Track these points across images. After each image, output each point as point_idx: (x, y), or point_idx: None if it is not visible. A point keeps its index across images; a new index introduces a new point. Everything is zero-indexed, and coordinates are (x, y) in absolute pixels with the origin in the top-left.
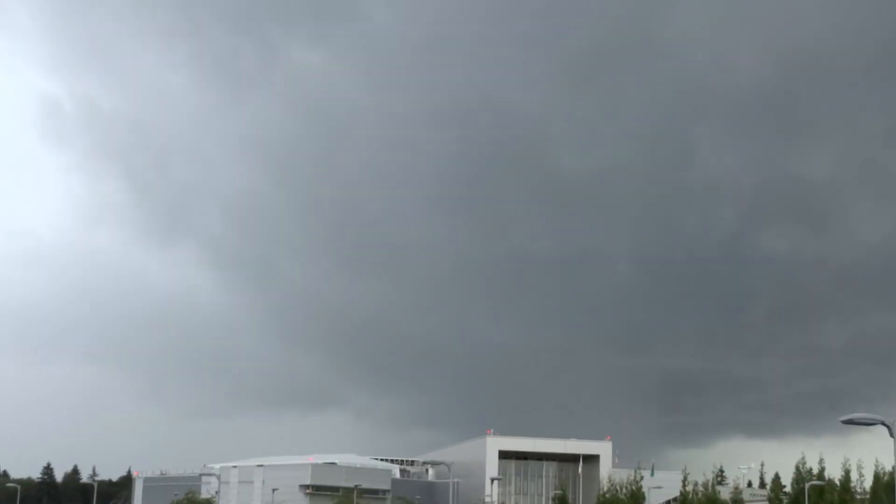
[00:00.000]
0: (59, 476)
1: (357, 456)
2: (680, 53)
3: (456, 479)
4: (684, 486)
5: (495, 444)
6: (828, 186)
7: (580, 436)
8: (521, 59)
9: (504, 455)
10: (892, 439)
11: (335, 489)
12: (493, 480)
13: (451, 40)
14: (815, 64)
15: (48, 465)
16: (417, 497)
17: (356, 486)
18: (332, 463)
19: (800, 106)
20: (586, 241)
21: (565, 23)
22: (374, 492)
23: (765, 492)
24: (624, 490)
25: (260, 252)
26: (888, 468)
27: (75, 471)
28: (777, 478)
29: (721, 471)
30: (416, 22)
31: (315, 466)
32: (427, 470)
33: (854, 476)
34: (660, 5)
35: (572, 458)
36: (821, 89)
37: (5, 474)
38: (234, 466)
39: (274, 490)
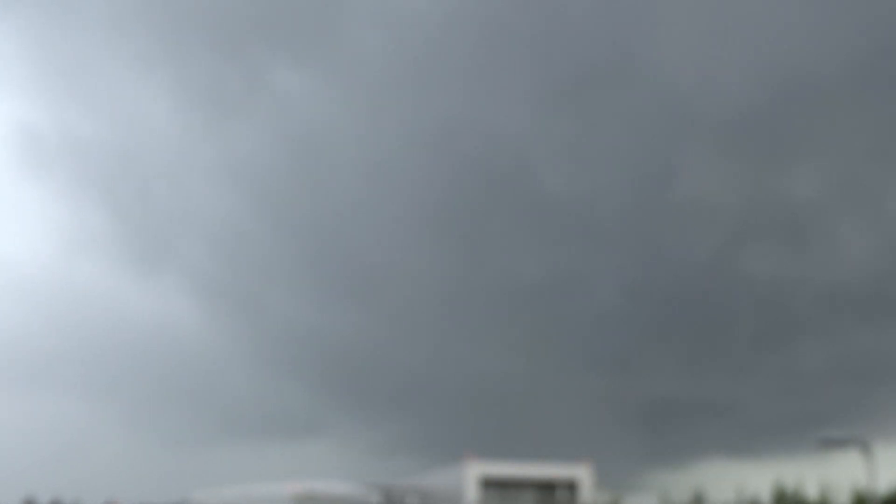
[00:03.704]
0: None
1: (338, 482)
2: (663, 74)
3: None
4: None
5: (474, 468)
6: (811, 206)
7: (560, 459)
8: (505, 82)
9: (483, 480)
10: (868, 459)
11: None
12: None
13: (435, 66)
14: (799, 83)
15: (29, 497)
16: None
17: None
18: (313, 490)
19: (784, 126)
20: (569, 264)
21: (549, 45)
22: None
23: None
24: None
25: (244, 281)
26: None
27: (57, 502)
28: (756, 499)
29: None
30: (400, 47)
31: (295, 494)
32: (406, 496)
33: (833, 497)
34: (644, 26)
35: (551, 484)
36: (804, 109)
37: None
38: (215, 495)
39: None
